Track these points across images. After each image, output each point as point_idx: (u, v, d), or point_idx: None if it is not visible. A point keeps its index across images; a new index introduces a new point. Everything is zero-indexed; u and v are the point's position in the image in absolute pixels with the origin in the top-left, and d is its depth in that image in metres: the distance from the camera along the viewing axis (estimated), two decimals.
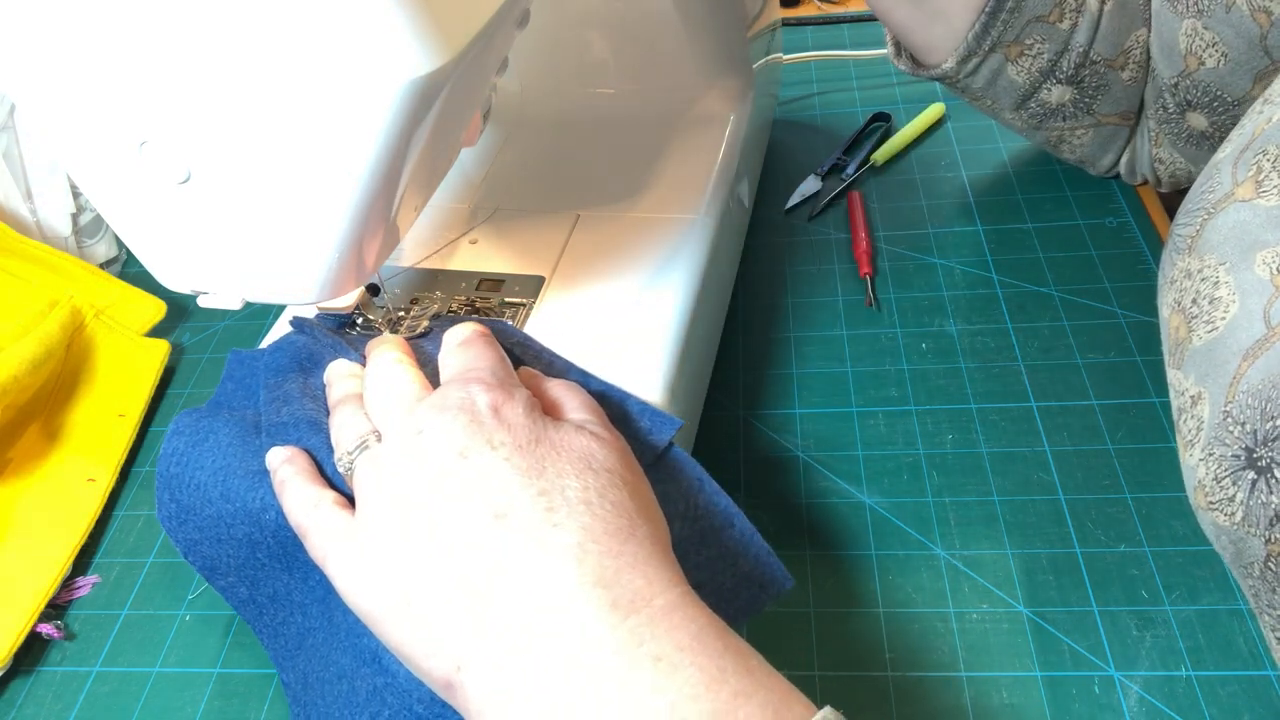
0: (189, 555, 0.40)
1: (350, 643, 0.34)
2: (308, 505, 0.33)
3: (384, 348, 0.38)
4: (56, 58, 0.30)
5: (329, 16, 0.27)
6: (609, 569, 0.28)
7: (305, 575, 0.38)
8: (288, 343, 0.43)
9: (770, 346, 0.56)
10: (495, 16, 0.32)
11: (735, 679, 0.26)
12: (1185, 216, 0.39)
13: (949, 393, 0.51)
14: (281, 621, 0.39)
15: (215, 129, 0.30)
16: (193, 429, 0.40)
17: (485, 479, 0.30)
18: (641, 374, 0.42)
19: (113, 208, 0.34)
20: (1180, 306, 0.37)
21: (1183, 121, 0.54)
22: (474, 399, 0.32)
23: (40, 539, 0.48)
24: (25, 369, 0.51)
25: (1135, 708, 0.38)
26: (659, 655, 0.26)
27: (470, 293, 0.47)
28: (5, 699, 0.44)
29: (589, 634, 0.27)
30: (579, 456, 0.31)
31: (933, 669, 0.40)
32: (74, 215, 0.64)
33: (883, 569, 0.44)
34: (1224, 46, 0.49)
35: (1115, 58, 0.54)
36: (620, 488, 0.31)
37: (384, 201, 0.33)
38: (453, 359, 0.36)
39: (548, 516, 0.29)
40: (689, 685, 0.26)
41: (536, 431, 0.32)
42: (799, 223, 0.64)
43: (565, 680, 0.26)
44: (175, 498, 0.39)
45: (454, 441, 0.31)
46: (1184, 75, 0.51)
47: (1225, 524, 0.33)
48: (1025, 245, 0.60)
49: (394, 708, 0.32)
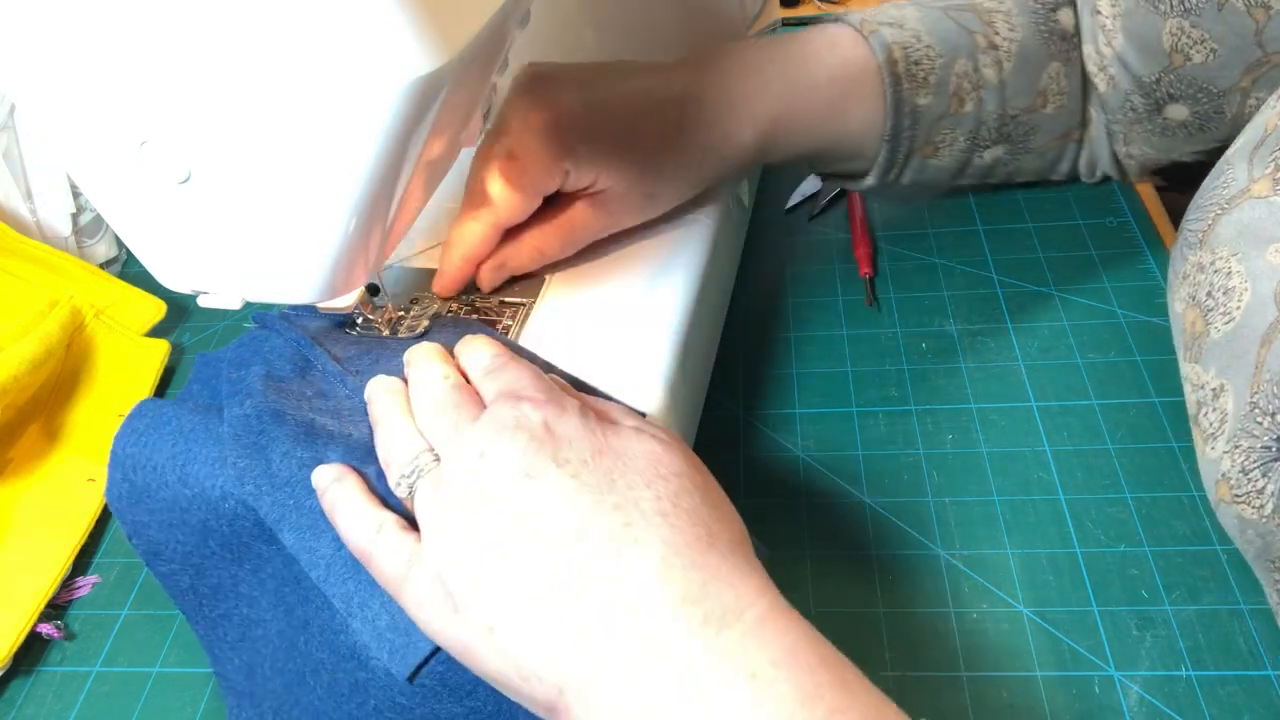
0: (134, 538, 0.39)
1: (326, 639, 0.34)
2: (369, 530, 0.32)
3: (427, 357, 0.37)
4: (56, 58, 0.30)
5: (329, 16, 0.27)
6: (695, 583, 0.28)
7: (256, 568, 0.38)
8: (250, 337, 0.42)
9: (770, 346, 0.56)
10: (495, 16, 0.32)
11: (831, 694, 0.26)
12: (1196, 212, 0.39)
13: (949, 393, 0.51)
14: (223, 614, 0.39)
15: (215, 129, 0.30)
16: (155, 413, 0.39)
17: (557, 499, 0.29)
18: (641, 374, 0.42)
19: (113, 208, 0.34)
20: (1195, 300, 0.37)
21: (1158, 116, 0.54)
22: (528, 416, 0.31)
23: (40, 539, 0.48)
24: (25, 369, 0.51)
25: (1135, 708, 0.38)
26: (754, 672, 0.26)
27: (470, 292, 0.47)
28: (5, 699, 0.44)
29: (684, 652, 0.27)
30: (647, 464, 0.31)
31: (933, 669, 0.40)
32: (74, 215, 0.64)
33: (883, 569, 0.44)
34: (1213, 43, 0.48)
35: (1033, 102, 0.53)
36: (692, 493, 0.30)
37: (384, 201, 0.33)
38: (490, 381, 0.35)
39: (626, 532, 0.28)
40: (785, 702, 0.25)
41: (598, 442, 0.31)
42: (799, 223, 0.64)
43: (665, 700, 0.26)
44: (129, 478, 0.39)
45: (518, 463, 0.30)
46: (1167, 71, 0.51)
47: (1252, 517, 0.32)
48: (1025, 245, 0.60)
49: (378, 698, 0.32)
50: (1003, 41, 0.52)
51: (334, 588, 0.33)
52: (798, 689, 0.26)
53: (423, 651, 0.32)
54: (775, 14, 0.68)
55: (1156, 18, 0.49)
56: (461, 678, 0.31)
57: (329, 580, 0.34)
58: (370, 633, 0.32)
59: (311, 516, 0.35)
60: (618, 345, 0.44)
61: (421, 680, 0.32)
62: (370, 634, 0.32)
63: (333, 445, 0.36)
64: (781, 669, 0.26)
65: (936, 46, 0.51)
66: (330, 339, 0.42)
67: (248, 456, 0.36)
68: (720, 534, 0.30)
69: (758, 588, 0.28)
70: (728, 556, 0.29)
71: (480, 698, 0.31)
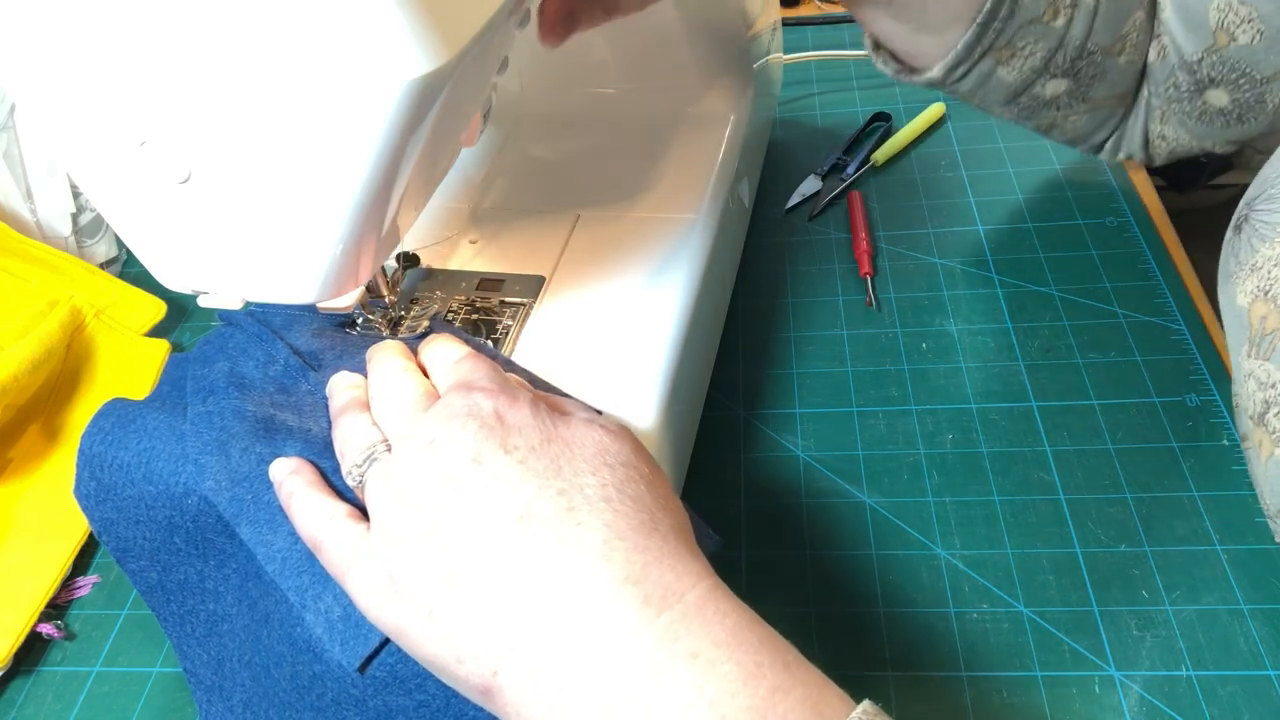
0: (102, 535, 0.40)
1: (285, 632, 0.35)
2: (322, 518, 0.33)
3: (387, 354, 0.37)
4: (57, 57, 0.30)
5: (329, 17, 0.27)
6: (636, 565, 0.28)
7: (220, 563, 0.38)
8: (216, 335, 0.43)
9: (770, 346, 0.56)
10: (495, 16, 0.32)
11: (773, 674, 0.26)
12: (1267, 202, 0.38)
13: (949, 393, 0.51)
14: (190, 609, 0.39)
15: (215, 129, 0.30)
16: (121, 411, 0.40)
17: (502, 483, 0.30)
18: (641, 374, 0.42)
19: (113, 208, 0.34)
20: (1268, 295, 0.36)
21: (1198, 99, 0.52)
22: (479, 405, 0.32)
23: (40, 539, 0.48)
24: (25, 369, 0.51)
25: (1135, 708, 0.38)
26: (695, 652, 0.26)
27: (470, 293, 0.47)
28: (5, 699, 0.44)
29: (624, 632, 0.27)
30: (594, 452, 0.31)
31: (933, 669, 0.40)
32: (74, 215, 0.64)
33: (883, 569, 0.44)
34: (1260, 23, 0.47)
35: (1113, 45, 0.51)
36: (638, 481, 0.31)
37: (384, 201, 0.33)
38: (447, 375, 0.35)
39: (570, 516, 0.29)
40: (727, 681, 0.26)
41: (547, 431, 0.31)
42: (799, 223, 0.64)
43: (605, 680, 0.26)
44: (96, 475, 0.39)
45: (466, 448, 0.30)
46: (1210, 50, 0.49)
47: None
48: (1025, 245, 0.60)
49: (334, 691, 0.33)
50: None
51: (289, 581, 0.34)
52: (740, 668, 0.26)
53: (372, 642, 0.32)
54: (775, 14, 0.69)
55: None
56: (410, 669, 0.32)
57: (284, 574, 0.34)
58: (323, 625, 0.33)
59: (269, 511, 0.35)
60: (618, 345, 0.44)
61: (372, 672, 0.32)
62: (323, 626, 0.33)
63: (292, 440, 0.36)
64: (723, 649, 0.26)
65: None
66: (294, 333, 0.43)
67: (208, 453, 0.37)
68: (664, 520, 0.30)
69: (699, 571, 0.29)
70: (670, 541, 0.29)
71: (430, 691, 0.32)
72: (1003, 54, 0.50)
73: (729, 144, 0.56)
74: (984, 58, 0.50)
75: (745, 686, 0.25)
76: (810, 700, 0.26)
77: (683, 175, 0.54)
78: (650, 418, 0.41)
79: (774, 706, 0.25)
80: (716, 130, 0.57)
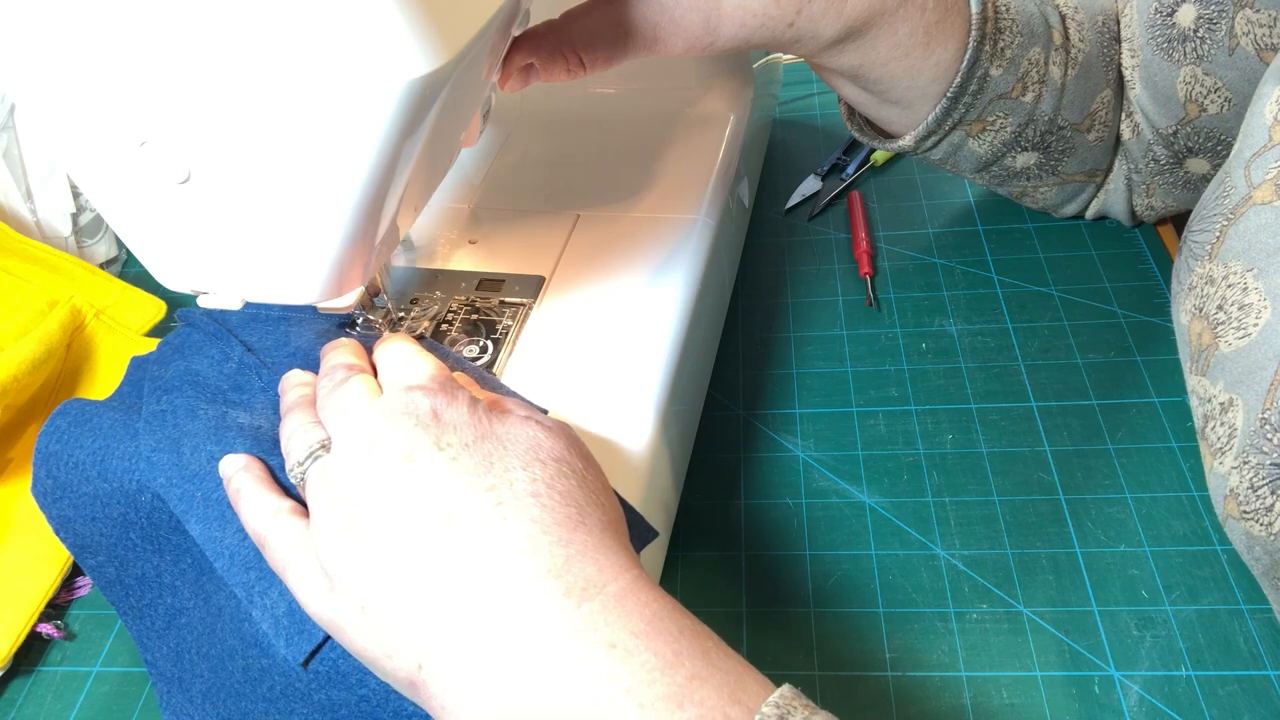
0: (60, 532, 0.41)
1: (235, 626, 0.35)
2: (266, 514, 0.33)
3: (337, 353, 0.38)
4: (57, 58, 0.30)
5: (328, 17, 0.27)
6: (559, 558, 0.28)
7: (176, 558, 0.39)
8: (175, 335, 0.43)
9: (770, 346, 0.56)
10: (495, 16, 0.32)
11: (691, 662, 0.26)
12: (1200, 223, 0.39)
13: (949, 393, 0.51)
14: (149, 604, 0.40)
15: (215, 129, 0.30)
16: (78, 410, 0.41)
17: (433, 481, 0.30)
18: (641, 374, 0.42)
19: (113, 208, 0.34)
20: (1202, 313, 0.37)
21: (1179, 169, 0.54)
22: (416, 404, 0.32)
23: (40, 539, 0.48)
24: (25, 369, 0.51)
25: (1135, 708, 0.38)
26: (614, 642, 0.27)
27: (470, 293, 0.47)
28: (5, 699, 0.44)
29: (543, 624, 0.27)
30: (526, 448, 0.31)
31: (933, 669, 0.40)
32: (74, 215, 0.64)
33: (883, 569, 0.44)
34: (1227, 91, 0.48)
35: (1082, 121, 0.53)
36: (569, 476, 0.31)
37: (384, 201, 0.33)
38: (391, 373, 0.36)
39: (496, 511, 0.29)
40: (644, 670, 0.26)
41: (482, 429, 0.32)
42: (799, 223, 0.64)
43: (523, 671, 0.27)
44: (52, 474, 0.40)
45: (400, 446, 0.31)
46: (1183, 123, 0.51)
47: (1260, 534, 0.32)
48: (1025, 245, 0.60)
49: (282, 684, 0.33)
50: (1073, 47, 0.51)
51: (236, 577, 0.34)
52: (657, 657, 0.26)
53: (315, 638, 0.32)
54: None
55: (1171, 66, 0.49)
56: (352, 665, 0.32)
57: (232, 570, 0.35)
58: (269, 620, 0.33)
59: (218, 508, 0.36)
60: (617, 345, 0.44)
61: (315, 667, 0.32)
62: (269, 622, 0.33)
63: (242, 438, 0.37)
64: (641, 639, 0.27)
65: (1020, 23, 0.49)
66: (249, 330, 0.43)
67: (161, 450, 0.37)
68: (592, 514, 0.30)
69: (622, 564, 0.29)
70: (595, 534, 0.30)
71: (370, 686, 0.32)
72: (973, 127, 0.51)
73: (729, 144, 0.56)
74: (954, 130, 0.51)
75: (662, 675, 0.26)
76: (728, 686, 0.26)
77: (682, 175, 0.54)
78: (650, 418, 0.41)
79: (691, 694, 0.26)
80: (716, 130, 0.57)
